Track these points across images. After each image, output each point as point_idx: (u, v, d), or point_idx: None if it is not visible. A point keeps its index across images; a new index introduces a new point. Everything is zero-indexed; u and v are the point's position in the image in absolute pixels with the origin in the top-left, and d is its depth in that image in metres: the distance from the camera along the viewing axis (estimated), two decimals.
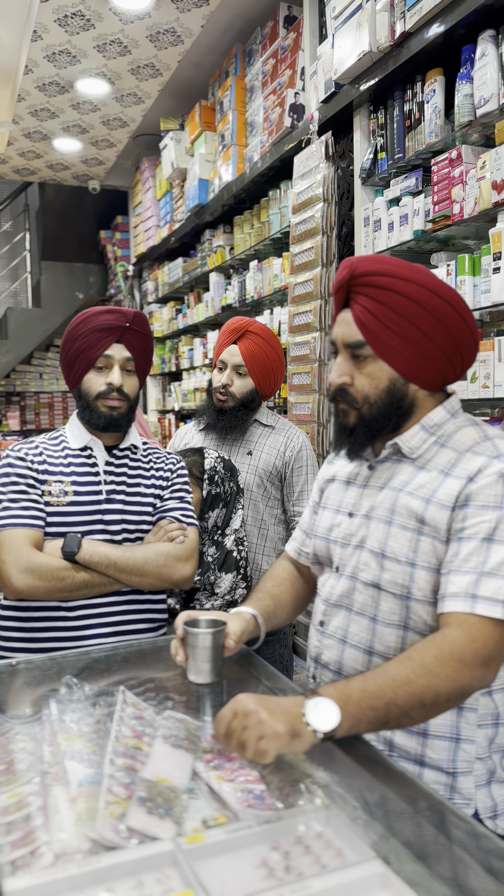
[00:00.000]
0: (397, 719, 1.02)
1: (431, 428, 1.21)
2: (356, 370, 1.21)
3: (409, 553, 1.16)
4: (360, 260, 1.19)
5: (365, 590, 1.23)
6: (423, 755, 1.16)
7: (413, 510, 1.16)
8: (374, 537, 1.21)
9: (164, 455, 1.80)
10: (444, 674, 1.02)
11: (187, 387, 5.20)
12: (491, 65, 2.09)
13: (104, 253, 7.29)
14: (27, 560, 1.52)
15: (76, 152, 5.60)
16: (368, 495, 1.26)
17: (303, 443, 2.33)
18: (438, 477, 1.16)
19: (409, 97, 2.54)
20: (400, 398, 1.19)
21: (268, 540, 2.31)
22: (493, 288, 2.08)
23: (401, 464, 1.23)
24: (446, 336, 1.16)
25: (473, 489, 1.11)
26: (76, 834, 0.88)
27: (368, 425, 1.21)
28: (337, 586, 1.28)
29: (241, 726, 0.98)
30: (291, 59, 3.38)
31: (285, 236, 3.58)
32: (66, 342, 1.68)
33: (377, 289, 1.16)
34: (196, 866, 0.82)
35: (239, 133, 4.02)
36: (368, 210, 2.74)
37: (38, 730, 1.17)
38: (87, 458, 1.69)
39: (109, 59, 4.10)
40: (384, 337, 1.16)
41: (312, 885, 0.79)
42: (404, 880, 0.79)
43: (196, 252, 4.93)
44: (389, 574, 1.18)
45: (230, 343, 2.31)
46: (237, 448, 2.33)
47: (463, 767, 1.15)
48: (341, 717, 0.98)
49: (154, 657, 1.52)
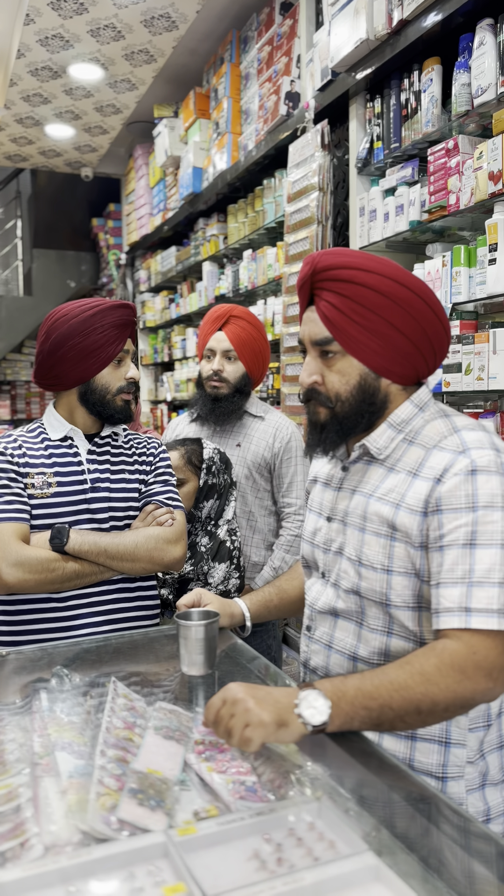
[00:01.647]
0: (391, 722, 1.01)
1: (399, 425, 1.18)
2: (326, 368, 1.18)
3: (384, 560, 1.14)
4: (322, 254, 1.16)
5: (347, 597, 1.21)
6: (411, 759, 1.14)
7: (384, 517, 1.14)
8: (351, 545, 1.20)
9: (144, 440, 1.79)
10: (444, 684, 1.00)
11: (180, 377, 5.17)
12: (489, 54, 2.07)
13: (96, 241, 7.24)
14: (16, 554, 1.51)
15: (69, 139, 5.55)
16: (343, 498, 1.25)
17: (292, 433, 2.32)
18: (406, 479, 1.13)
19: (405, 86, 2.52)
20: (372, 394, 1.17)
21: (257, 532, 2.30)
22: (488, 279, 2.07)
23: (371, 465, 1.21)
24: (415, 327, 1.13)
25: (443, 491, 1.08)
26: (66, 825, 0.87)
27: (341, 423, 1.19)
28: (323, 593, 1.27)
29: (228, 714, 0.99)
30: (287, 47, 3.35)
31: (280, 225, 3.56)
32: (72, 336, 1.59)
33: (341, 282, 1.13)
34: (188, 858, 0.81)
35: (234, 121, 3.99)
36: (364, 200, 2.72)
37: (28, 721, 1.16)
38: (69, 448, 1.67)
39: (103, 45, 4.05)
40: (351, 331, 1.13)
41: (305, 877, 0.78)
42: (396, 873, 0.79)
43: (189, 241, 4.90)
44: (367, 582, 1.17)
45: (216, 330, 2.31)
46: (227, 439, 2.32)
47: (453, 772, 1.13)
48: (333, 712, 0.98)
49: (146, 648, 1.51)
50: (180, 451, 2.03)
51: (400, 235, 2.54)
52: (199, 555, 1.97)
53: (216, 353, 2.30)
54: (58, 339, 1.60)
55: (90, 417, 1.70)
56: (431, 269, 2.33)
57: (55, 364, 1.62)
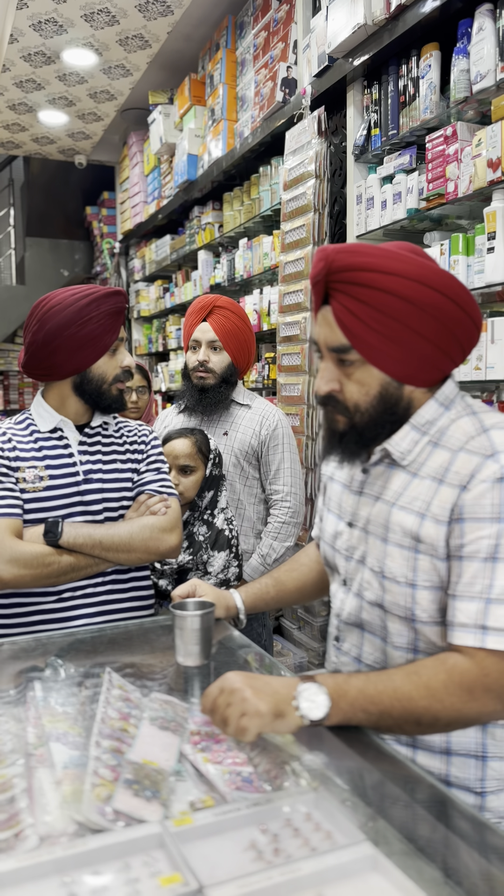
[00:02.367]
0: (389, 728, 1.00)
1: (423, 426, 1.10)
2: (344, 376, 1.10)
3: (409, 573, 1.08)
4: (337, 252, 1.06)
5: (371, 609, 1.16)
6: (448, 774, 1.10)
7: (407, 528, 1.08)
8: (373, 555, 1.14)
9: (135, 428, 1.77)
10: (449, 702, 0.98)
11: (175, 367, 5.15)
12: (488, 39, 2.05)
13: (90, 229, 7.19)
14: (10, 550, 1.49)
15: (62, 125, 5.49)
16: (364, 504, 1.18)
17: (278, 420, 2.32)
18: (432, 486, 1.06)
19: (403, 72, 2.50)
20: (394, 403, 1.09)
21: (245, 520, 2.31)
22: (486, 268, 2.06)
23: (393, 469, 1.13)
24: (441, 330, 1.05)
25: (468, 499, 1.02)
26: (61, 816, 0.86)
27: (360, 434, 1.11)
28: (346, 602, 1.22)
29: (225, 703, 0.98)
30: (284, 32, 3.32)
31: (276, 214, 3.53)
32: (69, 326, 1.55)
33: (358, 286, 1.04)
34: (184, 849, 0.80)
35: (229, 108, 3.95)
36: (361, 187, 2.70)
37: (21, 711, 1.15)
38: (59, 439, 1.65)
39: (97, 29, 4.00)
40: (370, 340, 1.05)
41: (302, 867, 0.78)
42: (394, 863, 0.79)
43: (184, 229, 4.86)
44: (391, 595, 1.11)
45: (200, 321, 2.31)
46: (214, 428, 2.32)
47: (493, 786, 1.09)
48: (332, 710, 0.98)
49: (141, 639, 1.50)
50: (191, 440, 2.02)
51: (398, 224, 2.52)
52: (197, 544, 1.96)
53: (201, 343, 2.31)
54: (53, 329, 1.55)
55: (82, 407, 1.67)
56: None
57: (50, 354, 1.57)
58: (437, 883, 0.76)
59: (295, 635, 3.23)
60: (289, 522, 2.27)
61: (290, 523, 2.28)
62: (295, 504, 2.29)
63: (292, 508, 2.28)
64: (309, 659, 3.07)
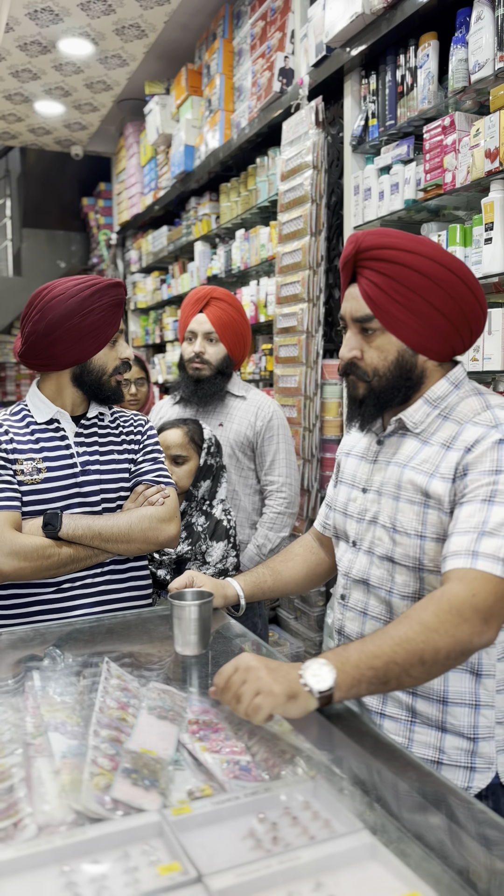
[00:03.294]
0: (398, 678, 1.01)
1: (435, 401, 1.23)
2: (365, 344, 1.23)
3: (418, 526, 1.19)
4: (366, 234, 1.20)
5: (381, 564, 1.26)
6: (444, 721, 1.20)
7: (418, 485, 1.19)
8: (385, 513, 1.25)
9: (131, 418, 1.77)
10: (443, 629, 1.02)
11: (171, 359, 5.13)
12: (487, 29, 2.03)
13: (87, 221, 7.16)
14: (10, 542, 1.49)
15: (58, 116, 5.46)
16: (378, 470, 1.29)
17: (273, 411, 2.33)
18: (440, 451, 1.18)
19: (401, 62, 2.48)
20: (409, 369, 1.22)
21: (241, 510, 2.31)
22: (484, 259, 2.05)
23: (406, 437, 1.26)
24: (454, 307, 1.17)
25: (471, 458, 1.14)
26: (60, 806, 0.86)
27: (378, 397, 1.24)
28: (356, 561, 1.31)
29: (240, 680, 0.99)
30: (281, 22, 3.29)
31: (273, 205, 3.52)
32: (71, 316, 1.54)
33: (383, 262, 1.17)
34: (182, 838, 0.81)
35: (226, 98, 3.93)
36: (359, 178, 2.69)
37: (20, 700, 1.15)
38: (55, 431, 1.64)
39: (93, 19, 3.97)
40: (391, 310, 1.18)
41: (300, 855, 0.78)
42: (392, 851, 0.79)
43: (181, 220, 4.84)
44: (401, 548, 1.21)
45: (196, 312, 2.31)
46: (210, 420, 2.33)
47: (484, 733, 1.19)
48: (339, 678, 0.98)
49: (139, 629, 1.51)
50: (183, 430, 2.02)
51: (395, 214, 2.51)
52: (195, 534, 1.97)
53: (197, 335, 2.30)
54: (55, 320, 1.54)
55: (80, 398, 1.67)
56: None
57: (50, 345, 1.56)
58: (435, 870, 0.77)
59: (292, 625, 3.23)
60: (284, 513, 2.28)
61: (286, 514, 2.28)
62: (290, 495, 2.30)
63: (288, 499, 2.29)
64: (306, 649, 3.07)
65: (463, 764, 1.19)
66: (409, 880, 0.75)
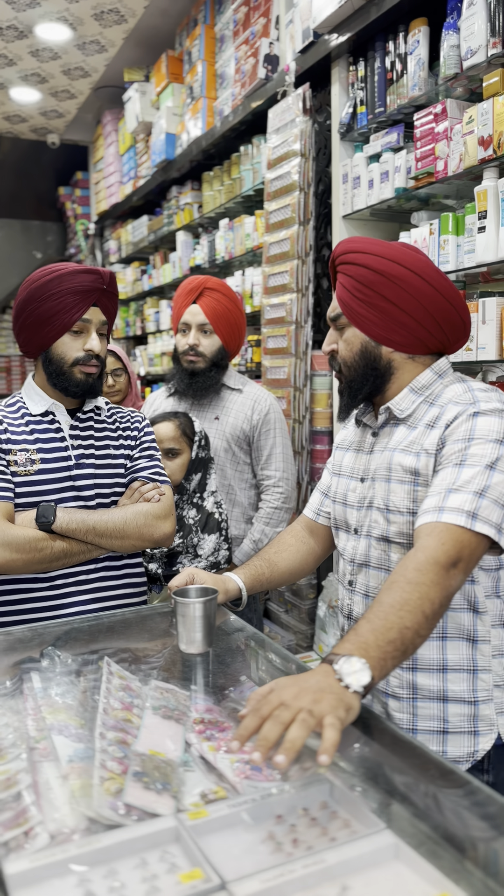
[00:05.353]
0: (412, 641, 1.03)
1: (420, 389, 1.31)
2: (339, 339, 1.36)
3: (409, 503, 1.25)
4: (340, 243, 1.36)
5: (378, 545, 1.32)
6: (444, 690, 1.24)
7: (406, 465, 1.26)
8: (379, 495, 1.31)
9: (128, 414, 1.74)
10: (429, 579, 1.06)
11: (153, 351, 5.08)
12: (479, 14, 2.01)
13: (63, 210, 7.04)
14: (2, 534, 1.46)
15: (34, 103, 5.35)
16: (373, 459, 1.37)
17: (270, 405, 2.29)
18: (425, 431, 1.26)
19: (391, 48, 2.45)
20: (374, 360, 1.32)
21: (236, 505, 2.28)
22: (477, 248, 2.04)
23: (397, 427, 1.34)
24: (410, 300, 1.26)
25: (448, 432, 1.22)
26: (71, 812, 0.83)
27: (349, 386, 1.35)
28: (358, 547, 1.36)
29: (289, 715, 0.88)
30: (265, 7, 3.24)
31: (258, 194, 3.47)
32: (30, 301, 1.53)
33: (349, 265, 1.32)
34: (201, 842, 0.78)
35: (209, 85, 3.87)
36: (347, 166, 2.66)
37: (19, 703, 1.12)
38: (50, 423, 1.61)
39: (71, 3, 3.89)
40: (354, 306, 1.31)
41: (324, 858, 0.76)
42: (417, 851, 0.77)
43: (162, 210, 4.77)
44: (395, 526, 1.27)
45: (190, 303, 2.26)
46: (205, 413, 2.29)
47: (483, 696, 1.24)
48: (370, 664, 0.96)
49: (138, 626, 1.48)
50: (174, 423, 2.00)
51: (385, 203, 2.49)
52: (187, 527, 1.94)
53: (191, 326, 2.25)
54: (19, 304, 1.57)
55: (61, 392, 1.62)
56: (418, 237, 2.29)
57: (19, 332, 1.59)
58: (459, 868, 0.75)
59: (283, 618, 3.22)
60: (281, 508, 2.25)
61: (283, 508, 2.25)
62: (287, 489, 2.27)
63: (284, 494, 2.26)
64: (297, 641, 3.06)
65: (466, 729, 1.24)
66: (436, 880, 0.74)
